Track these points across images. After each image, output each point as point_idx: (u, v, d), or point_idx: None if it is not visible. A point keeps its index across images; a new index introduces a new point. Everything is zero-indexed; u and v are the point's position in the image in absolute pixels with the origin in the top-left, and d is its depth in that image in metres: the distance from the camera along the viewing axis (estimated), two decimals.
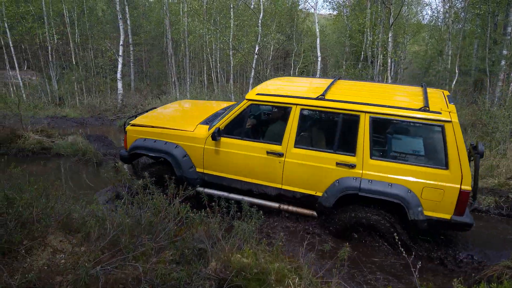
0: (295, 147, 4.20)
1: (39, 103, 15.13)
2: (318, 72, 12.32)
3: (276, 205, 4.47)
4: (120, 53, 14.30)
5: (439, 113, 3.69)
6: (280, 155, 4.22)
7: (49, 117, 12.20)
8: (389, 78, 10.98)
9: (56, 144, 7.91)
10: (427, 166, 3.77)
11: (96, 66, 19.73)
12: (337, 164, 4.01)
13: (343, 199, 4.06)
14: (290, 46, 19.12)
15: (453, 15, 13.95)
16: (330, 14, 17.98)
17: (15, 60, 18.27)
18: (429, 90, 4.53)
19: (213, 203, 3.54)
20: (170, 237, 3.13)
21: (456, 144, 3.61)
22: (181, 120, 5.11)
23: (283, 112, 4.45)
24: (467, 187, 3.63)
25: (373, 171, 3.90)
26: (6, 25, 16.82)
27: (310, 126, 4.53)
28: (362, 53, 14.59)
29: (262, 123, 5.01)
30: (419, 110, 3.75)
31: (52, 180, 4.94)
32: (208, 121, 4.88)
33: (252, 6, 14.16)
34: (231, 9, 12.45)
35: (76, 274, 2.71)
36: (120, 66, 14.30)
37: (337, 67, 16.43)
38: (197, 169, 4.66)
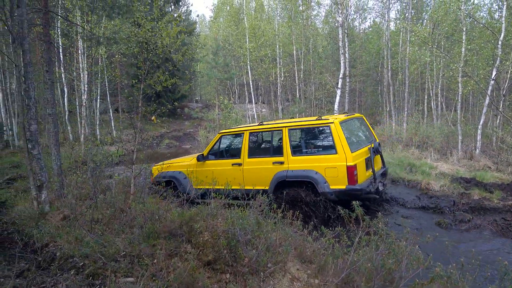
0: (248, 158, 6.19)
1: None
2: None
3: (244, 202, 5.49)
4: (339, 86, 14.94)
5: (327, 119, 5.57)
6: (239, 164, 6.22)
7: None
8: None
9: None
10: (326, 154, 5.48)
11: (315, 98, 21.35)
12: (273, 163, 5.88)
13: (279, 186, 5.74)
14: None
15: None
16: None
17: (252, 96, 21.94)
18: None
19: (462, 259, 3.02)
20: None
21: (338, 137, 5.31)
22: (186, 158, 7.46)
23: (239, 137, 6.60)
24: (351, 163, 5.17)
25: (294, 164, 5.69)
26: (248, 67, 20.49)
27: (256, 143, 6.66)
28: None
29: (229, 146, 7.07)
30: (315, 120, 5.72)
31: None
32: None
33: (483, 24, 12.17)
34: (464, 32, 11.04)
35: None
36: (338, 97, 14.89)
37: None
38: (194, 186, 6.43)
